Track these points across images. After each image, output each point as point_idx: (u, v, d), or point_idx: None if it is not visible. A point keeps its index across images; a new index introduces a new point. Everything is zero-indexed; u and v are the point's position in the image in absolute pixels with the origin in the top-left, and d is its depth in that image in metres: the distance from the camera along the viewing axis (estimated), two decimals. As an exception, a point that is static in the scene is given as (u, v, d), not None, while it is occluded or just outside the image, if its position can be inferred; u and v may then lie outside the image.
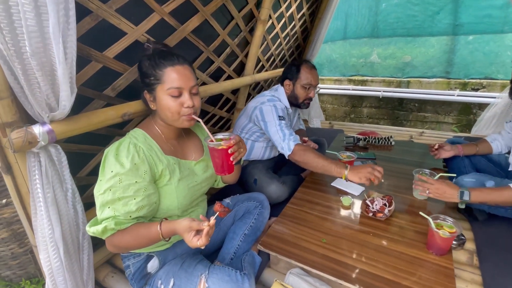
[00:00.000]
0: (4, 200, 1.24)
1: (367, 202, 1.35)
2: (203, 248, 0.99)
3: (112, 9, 1.05)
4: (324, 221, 1.32)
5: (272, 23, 2.23)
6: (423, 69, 3.75)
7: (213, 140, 0.91)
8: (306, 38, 3.08)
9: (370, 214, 1.32)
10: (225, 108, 2.27)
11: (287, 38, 2.66)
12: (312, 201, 1.48)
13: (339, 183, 1.63)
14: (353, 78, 4.25)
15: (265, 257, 1.26)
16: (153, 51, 0.98)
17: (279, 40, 2.51)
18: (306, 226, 1.29)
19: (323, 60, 4.47)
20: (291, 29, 2.62)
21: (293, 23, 2.58)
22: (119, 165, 0.85)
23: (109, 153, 0.87)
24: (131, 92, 1.25)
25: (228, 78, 2.06)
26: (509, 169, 1.49)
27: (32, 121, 0.85)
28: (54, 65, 0.77)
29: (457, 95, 3.49)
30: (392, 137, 2.29)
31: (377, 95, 4.03)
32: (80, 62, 0.98)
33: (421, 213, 1.17)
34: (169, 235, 0.85)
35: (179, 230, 0.81)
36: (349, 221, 1.32)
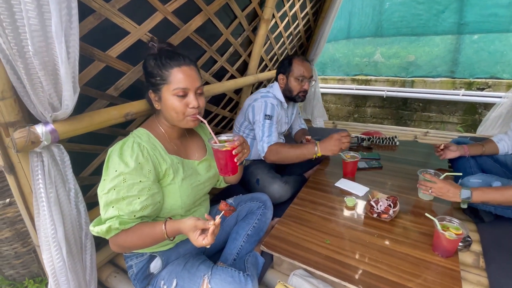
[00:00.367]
0: (8, 200, 1.24)
1: (372, 203, 1.33)
2: (206, 248, 0.98)
3: (115, 8, 1.04)
4: (328, 222, 1.31)
5: (276, 22, 2.21)
6: (428, 69, 3.71)
7: (217, 142, 0.91)
8: (310, 38, 3.06)
9: (375, 215, 1.30)
10: (228, 108, 2.26)
11: (291, 37, 2.64)
12: (316, 202, 1.47)
13: (343, 184, 1.61)
14: (357, 78, 4.23)
15: (268, 258, 1.25)
16: (159, 51, 0.98)
17: (282, 40, 2.50)
18: (310, 227, 1.28)
19: (327, 60, 4.45)
20: (295, 28, 2.60)
21: (297, 22, 2.57)
22: (123, 165, 0.84)
23: (113, 153, 0.87)
24: (134, 92, 1.24)
25: (231, 78, 2.05)
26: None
27: (35, 121, 0.85)
28: (57, 65, 0.77)
29: (462, 95, 3.45)
30: (397, 137, 2.27)
31: (381, 95, 4.00)
32: (83, 62, 0.98)
33: (427, 214, 1.15)
34: (174, 235, 0.84)
35: (184, 229, 0.81)
36: (353, 222, 1.31)
